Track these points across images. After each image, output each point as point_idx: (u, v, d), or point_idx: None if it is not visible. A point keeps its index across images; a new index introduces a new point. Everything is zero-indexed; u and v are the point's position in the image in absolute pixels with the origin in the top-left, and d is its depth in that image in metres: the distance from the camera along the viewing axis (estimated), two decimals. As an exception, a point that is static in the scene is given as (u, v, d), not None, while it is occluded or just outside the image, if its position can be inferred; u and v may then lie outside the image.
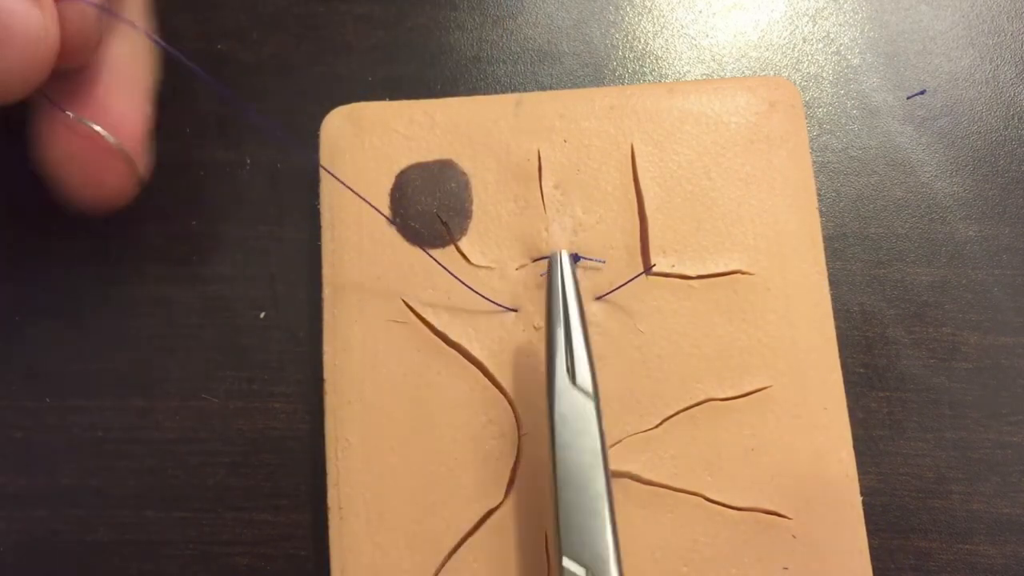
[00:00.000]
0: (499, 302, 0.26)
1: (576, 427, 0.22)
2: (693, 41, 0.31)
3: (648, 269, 0.26)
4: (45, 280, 0.28)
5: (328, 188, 0.27)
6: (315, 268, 0.27)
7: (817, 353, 0.26)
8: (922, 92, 0.30)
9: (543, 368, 0.26)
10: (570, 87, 0.30)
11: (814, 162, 0.28)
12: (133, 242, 0.29)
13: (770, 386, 0.25)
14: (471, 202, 0.27)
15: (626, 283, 0.26)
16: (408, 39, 0.31)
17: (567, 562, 0.21)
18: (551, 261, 0.24)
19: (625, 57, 0.30)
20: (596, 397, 0.23)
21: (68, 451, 0.27)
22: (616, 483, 0.25)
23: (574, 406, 0.22)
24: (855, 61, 0.30)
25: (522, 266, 0.26)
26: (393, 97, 0.29)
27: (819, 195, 0.28)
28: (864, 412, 0.27)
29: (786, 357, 0.26)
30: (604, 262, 0.26)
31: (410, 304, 0.26)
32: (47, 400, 0.27)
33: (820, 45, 0.30)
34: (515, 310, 0.26)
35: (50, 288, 0.28)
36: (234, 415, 0.27)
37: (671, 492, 0.25)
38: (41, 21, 0.21)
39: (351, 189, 0.26)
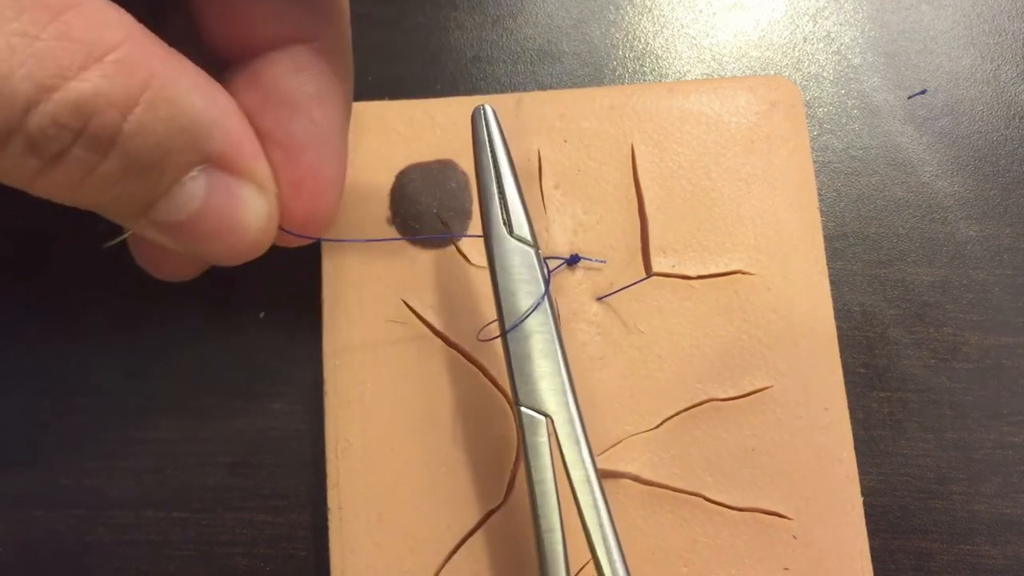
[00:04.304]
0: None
1: (519, 276, 0.22)
2: (693, 40, 0.30)
3: (650, 273, 0.26)
4: (45, 281, 0.28)
5: (328, 188, 0.27)
6: (315, 268, 0.27)
7: (818, 353, 0.26)
8: (923, 92, 0.30)
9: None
10: (570, 87, 0.30)
11: (815, 162, 0.28)
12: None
13: (771, 386, 0.25)
14: (471, 202, 0.27)
15: (628, 286, 0.26)
16: (408, 39, 0.31)
17: (525, 411, 0.22)
18: (475, 115, 0.23)
19: (625, 57, 0.30)
20: (535, 244, 0.23)
21: (68, 451, 0.27)
22: (616, 483, 0.25)
23: (515, 255, 0.22)
24: (856, 60, 0.30)
25: (522, 266, 0.26)
26: (393, 97, 0.28)
27: (820, 195, 0.28)
28: (865, 412, 0.27)
29: (787, 357, 0.26)
30: (605, 262, 0.26)
31: (410, 304, 0.26)
32: (47, 400, 0.27)
33: (821, 44, 0.30)
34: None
35: (50, 289, 0.28)
36: (234, 415, 0.27)
37: (671, 492, 0.25)
38: (266, 211, 0.21)
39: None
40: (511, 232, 0.22)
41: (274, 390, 0.27)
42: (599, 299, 0.26)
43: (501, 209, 0.22)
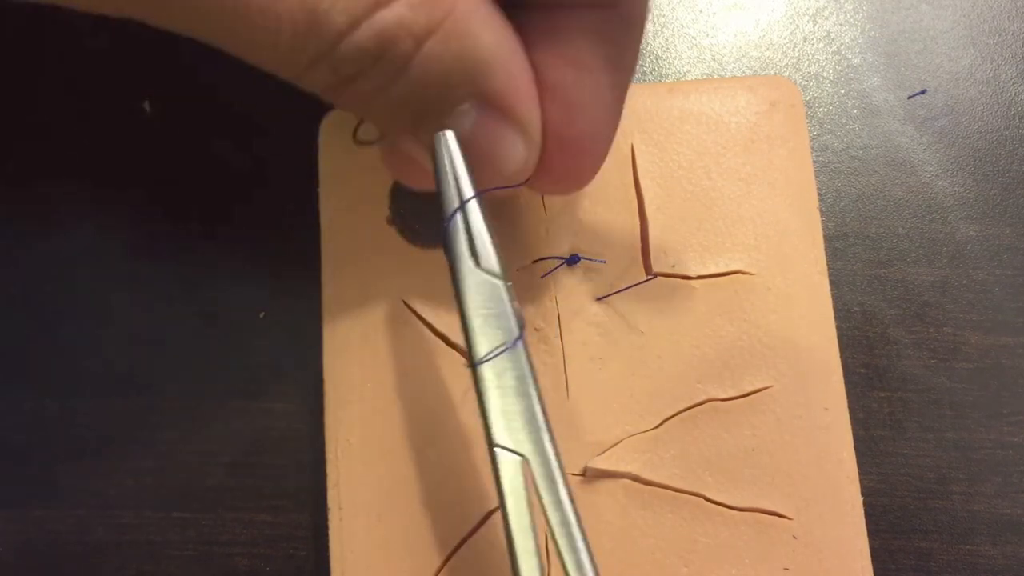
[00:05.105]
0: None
1: (488, 311, 0.21)
2: (693, 40, 0.30)
3: (651, 274, 0.26)
4: (45, 281, 0.28)
5: (328, 188, 0.27)
6: (315, 268, 0.27)
7: (818, 353, 0.26)
8: (923, 92, 0.30)
9: (544, 369, 0.26)
10: (570, 87, 0.30)
11: (815, 162, 0.28)
12: (133, 242, 0.29)
13: (771, 386, 0.25)
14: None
15: (629, 287, 0.26)
16: (408, 39, 0.30)
17: (500, 451, 0.20)
18: (436, 142, 0.21)
19: (625, 57, 0.30)
20: (504, 277, 0.21)
21: (68, 451, 0.27)
22: (616, 483, 0.25)
23: (482, 290, 0.21)
24: (856, 60, 0.30)
25: (522, 267, 0.26)
26: (393, 97, 0.28)
27: (820, 195, 0.28)
28: (865, 412, 0.27)
29: (787, 357, 0.26)
30: (605, 262, 0.26)
31: (410, 304, 0.26)
32: (47, 400, 0.27)
33: (821, 44, 0.30)
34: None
35: (50, 289, 0.28)
36: (234, 415, 0.27)
37: (671, 492, 0.25)
38: (523, 156, 0.21)
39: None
40: (478, 264, 0.21)
41: (274, 390, 0.27)
42: (599, 299, 0.26)
43: (467, 240, 0.21)
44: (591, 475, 0.25)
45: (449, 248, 0.21)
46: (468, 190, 0.21)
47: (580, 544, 0.20)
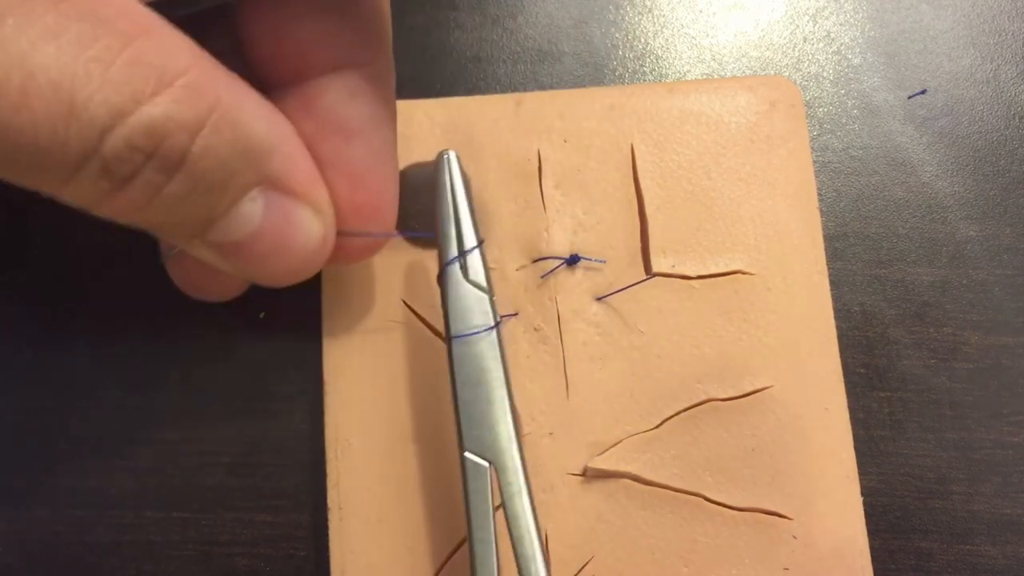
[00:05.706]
0: (499, 306, 0.26)
1: (472, 322, 0.22)
2: (693, 40, 0.30)
3: (651, 274, 0.26)
4: (45, 281, 0.28)
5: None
6: (315, 268, 0.27)
7: (818, 353, 0.26)
8: (923, 92, 0.30)
9: (544, 369, 0.26)
10: (570, 87, 0.30)
11: (815, 162, 0.28)
12: (132, 243, 0.29)
13: (771, 386, 0.25)
14: (471, 202, 0.27)
15: (629, 286, 0.26)
16: (408, 39, 0.31)
17: (469, 455, 0.22)
18: (438, 160, 0.23)
19: (625, 57, 0.30)
20: (490, 291, 0.23)
21: (68, 451, 0.27)
22: (616, 483, 0.25)
23: (468, 301, 0.23)
24: (856, 60, 0.30)
25: (522, 267, 0.26)
26: (393, 97, 0.28)
27: (820, 195, 0.28)
28: (865, 412, 0.27)
29: (787, 357, 0.26)
30: (605, 262, 0.26)
31: (410, 304, 0.26)
32: (47, 400, 0.27)
33: (821, 44, 0.30)
34: (515, 315, 0.26)
35: (50, 289, 0.28)
36: (234, 415, 0.27)
37: (671, 492, 0.25)
38: (321, 233, 0.21)
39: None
40: (466, 276, 0.23)
41: (274, 390, 0.27)
42: (599, 299, 0.26)
43: (459, 253, 0.23)
44: (591, 475, 0.25)
45: (442, 257, 0.23)
46: (465, 208, 0.23)
47: (538, 554, 0.21)
